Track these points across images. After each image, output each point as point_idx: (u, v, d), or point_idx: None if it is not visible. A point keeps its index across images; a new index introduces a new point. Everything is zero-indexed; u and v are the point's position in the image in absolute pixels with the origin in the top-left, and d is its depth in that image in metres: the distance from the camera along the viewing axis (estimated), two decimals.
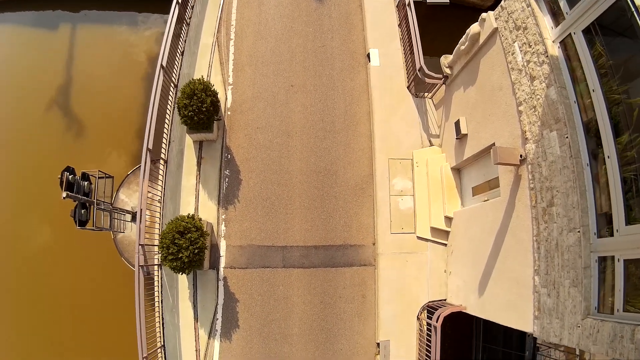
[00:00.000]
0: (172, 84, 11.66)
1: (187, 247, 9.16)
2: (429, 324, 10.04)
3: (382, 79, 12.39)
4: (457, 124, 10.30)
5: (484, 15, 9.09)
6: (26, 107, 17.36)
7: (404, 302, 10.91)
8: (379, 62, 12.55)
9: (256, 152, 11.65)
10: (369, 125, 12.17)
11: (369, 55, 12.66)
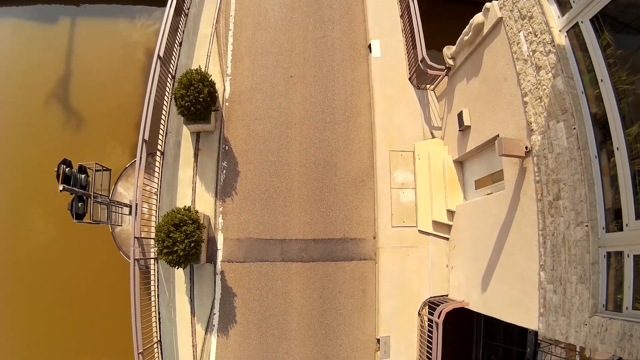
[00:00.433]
0: (169, 74, 11.48)
1: (182, 240, 8.98)
2: (430, 320, 9.92)
3: (384, 70, 12.18)
4: (459, 116, 10.13)
5: (487, 4, 8.90)
6: (26, 100, 17.33)
7: (404, 297, 10.77)
8: (381, 54, 12.33)
9: (254, 143, 11.45)
10: (369, 116, 11.98)
11: (370, 46, 12.44)
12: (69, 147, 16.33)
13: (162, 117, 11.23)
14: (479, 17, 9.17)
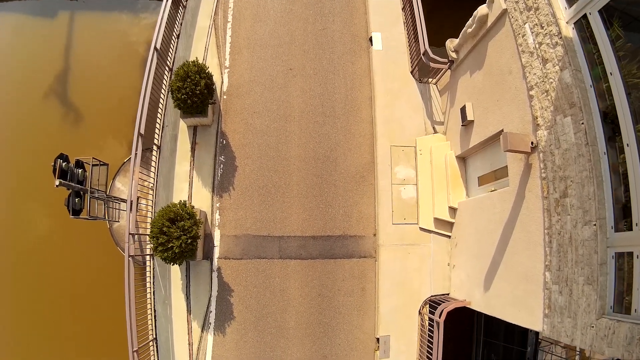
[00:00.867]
0: (166, 67, 11.30)
1: (178, 236, 8.78)
2: (431, 319, 9.75)
3: (385, 63, 11.94)
4: (462, 110, 9.90)
5: None
6: (25, 95, 17.36)
7: (405, 295, 10.57)
8: (382, 46, 12.09)
9: (253, 137, 11.24)
10: (370, 110, 11.76)
11: (371, 39, 12.21)
12: (68, 141, 16.37)
13: (159, 110, 11.03)
14: (482, 9, 8.92)
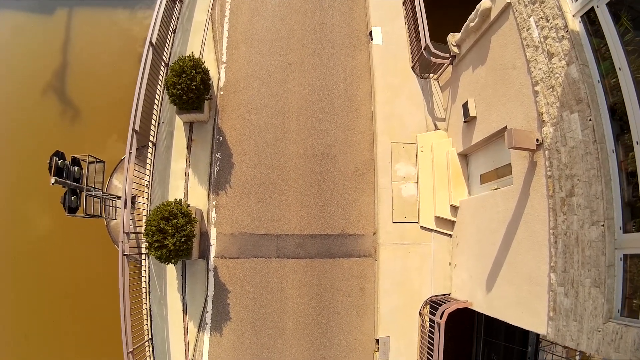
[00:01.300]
0: (162, 62, 11.09)
1: (173, 234, 8.60)
2: (431, 320, 9.56)
3: (385, 58, 11.74)
4: (465, 106, 9.68)
5: None
6: (23, 92, 17.35)
7: (405, 295, 10.40)
8: (382, 41, 11.89)
9: (250, 133, 11.04)
10: (370, 106, 11.55)
11: (371, 33, 12.00)
12: (66, 138, 16.43)
13: (155, 106, 10.83)
14: (485, 2, 8.71)
